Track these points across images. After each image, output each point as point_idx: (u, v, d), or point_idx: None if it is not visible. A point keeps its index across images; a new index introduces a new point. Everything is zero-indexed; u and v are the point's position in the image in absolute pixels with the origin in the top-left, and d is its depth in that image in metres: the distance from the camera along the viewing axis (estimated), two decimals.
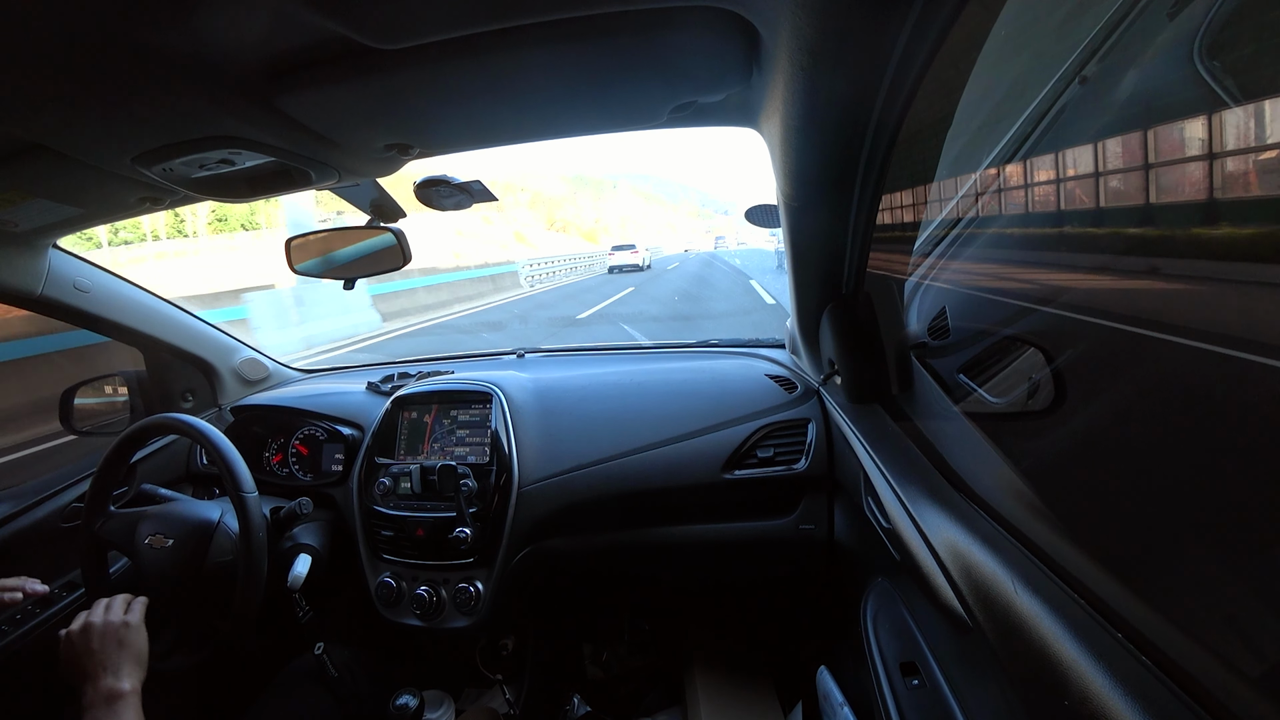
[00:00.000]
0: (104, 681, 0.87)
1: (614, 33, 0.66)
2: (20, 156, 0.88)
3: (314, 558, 1.23)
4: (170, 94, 0.69)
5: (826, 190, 0.90)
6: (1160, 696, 0.45)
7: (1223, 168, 0.58)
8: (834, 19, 0.53)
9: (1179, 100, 0.63)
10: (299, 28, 0.62)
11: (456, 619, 1.26)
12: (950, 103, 0.90)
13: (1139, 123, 0.70)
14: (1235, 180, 0.59)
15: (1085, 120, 0.81)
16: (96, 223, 1.19)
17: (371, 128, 0.88)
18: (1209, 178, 0.61)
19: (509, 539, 1.26)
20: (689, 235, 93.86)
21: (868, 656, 0.93)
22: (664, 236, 73.22)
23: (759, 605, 1.74)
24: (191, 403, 1.65)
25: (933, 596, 0.74)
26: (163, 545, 1.08)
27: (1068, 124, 0.84)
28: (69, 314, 1.33)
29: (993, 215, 1.05)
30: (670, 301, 11.95)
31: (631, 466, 1.30)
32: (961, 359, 1.02)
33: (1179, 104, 0.63)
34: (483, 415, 1.38)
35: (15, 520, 1.26)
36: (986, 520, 0.74)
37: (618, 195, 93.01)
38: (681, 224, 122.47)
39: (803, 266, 1.14)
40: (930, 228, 1.15)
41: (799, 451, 1.30)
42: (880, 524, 0.95)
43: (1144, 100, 0.68)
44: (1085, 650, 0.50)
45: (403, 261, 1.30)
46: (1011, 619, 0.59)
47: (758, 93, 0.81)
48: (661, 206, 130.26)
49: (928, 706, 0.78)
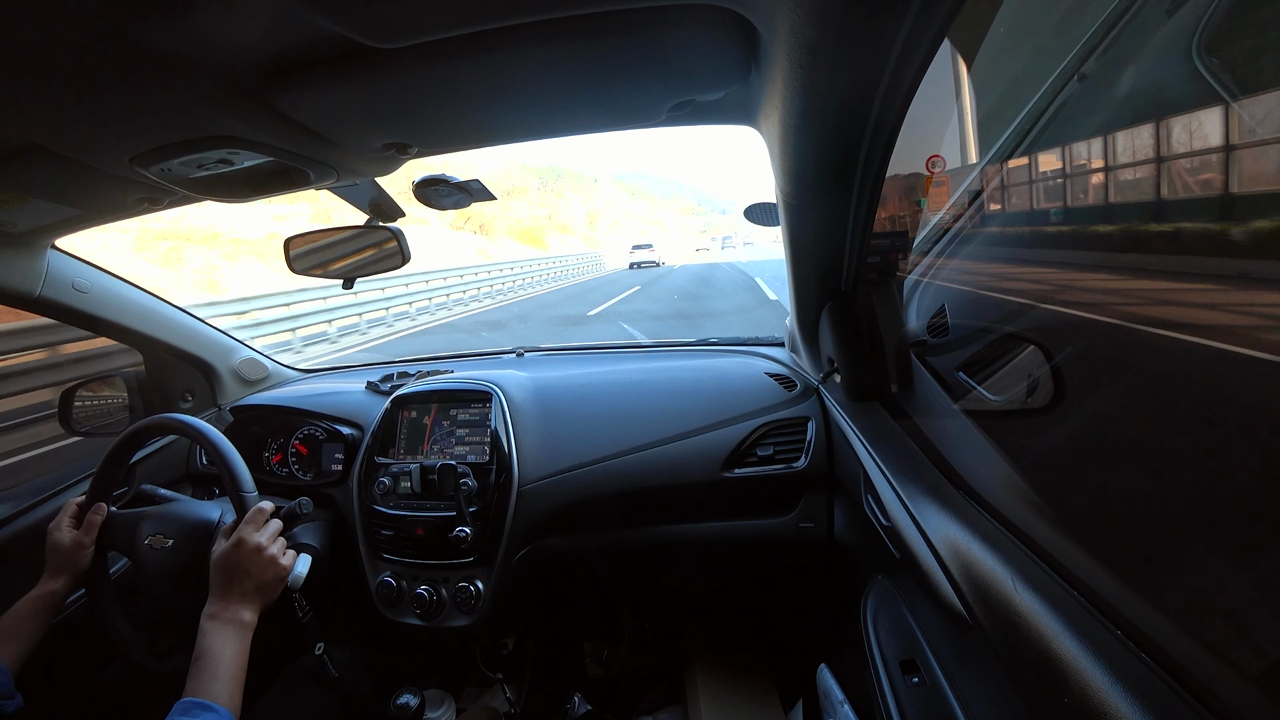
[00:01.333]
0: (236, 605, 0.93)
1: (612, 31, 0.65)
2: (18, 157, 0.87)
3: (314, 558, 1.23)
4: (168, 94, 0.69)
5: (825, 188, 0.90)
6: (1159, 693, 0.45)
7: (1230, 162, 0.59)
8: (833, 17, 0.53)
9: (1177, 96, 0.63)
10: (297, 27, 0.62)
11: (457, 618, 1.26)
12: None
13: (1138, 119, 0.70)
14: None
15: (1084, 117, 0.81)
16: (94, 223, 1.19)
17: (370, 127, 0.87)
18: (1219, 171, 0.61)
19: (509, 538, 1.26)
20: (680, 235, 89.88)
21: (868, 654, 0.93)
22: (650, 236, 63.75)
23: (759, 603, 1.74)
24: (191, 403, 1.64)
25: (933, 594, 0.74)
26: (163, 545, 1.08)
27: (1066, 121, 0.84)
28: (68, 315, 1.33)
29: (992, 213, 1.05)
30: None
31: (631, 465, 1.30)
32: (961, 357, 1.02)
33: (1177, 100, 0.63)
34: (482, 414, 1.38)
35: (14, 521, 1.26)
36: (986, 518, 0.74)
37: (598, 189, 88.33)
38: (672, 222, 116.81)
39: (802, 264, 1.14)
40: (930, 224, 1.15)
41: (799, 450, 1.30)
42: (880, 522, 0.95)
43: (1142, 96, 0.68)
44: (1085, 647, 0.50)
45: (402, 261, 1.29)
46: (1011, 616, 0.59)
47: (756, 91, 0.81)
48: (649, 203, 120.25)
49: (928, 704, 0.78)
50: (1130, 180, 0.77)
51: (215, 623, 0.90)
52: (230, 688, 0.85)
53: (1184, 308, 0.75)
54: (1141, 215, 0.77)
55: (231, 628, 0.91)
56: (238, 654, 0.89)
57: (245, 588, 0.95)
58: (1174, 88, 0.64)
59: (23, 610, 1.00)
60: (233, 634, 0.90)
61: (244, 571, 0.96)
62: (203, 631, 0.89)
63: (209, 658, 0.86)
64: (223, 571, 0.95)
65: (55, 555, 1.06)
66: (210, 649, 0.87)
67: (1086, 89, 0.80)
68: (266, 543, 1.00)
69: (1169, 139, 0.67)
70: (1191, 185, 0.68)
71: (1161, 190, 0.72)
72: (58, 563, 1.05)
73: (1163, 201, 0.72)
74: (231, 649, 0.88)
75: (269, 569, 0.98)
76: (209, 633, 0.89)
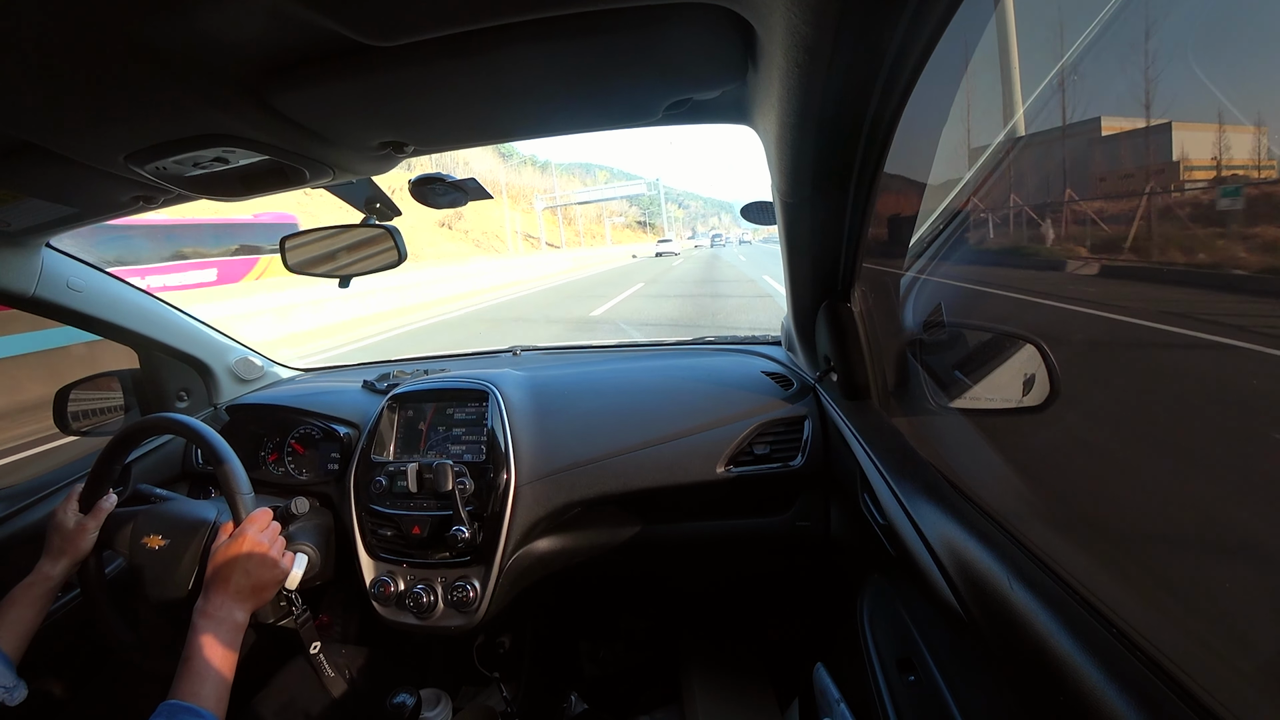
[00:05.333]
0: (230, 603, 0.93)
1: (609, 29, 0.65)
2: (11, 155, 0.87)
3: (310, 557, 1.23)
4: (163, 92, 0.69)
5: (822, 187, 0.90)
6: (1154, 692, 0.46)
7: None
8: (830, 16, 0.53)
9: (1173, 101, 0.63)
10: (293, 25, 0.62)
11: (453, 617, 1.26)
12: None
13: (1135, 120, 0.71)
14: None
15: (1080, 116, 0.82)
16: (89, 221, 1.19)
17: (366, 125, 0.87)
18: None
19: (506, 537, 1.26)
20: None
21: (864, 653, 0.93)
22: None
23: (755, 602, 1.75)
24: (187, 402, 1.64)
25: (929, 593, 0.74)
26: (158, 545, 1.08)
27: (1063, 120, 0.84)
28: (62, 314, 1.32)
29: (986, 214, 1.05)
30: None
31: (628, 464, 1.30)
32: (957, 355, 1.02)
33: (1173, 104, 0.64)
34: (479, 413, 1.37)
35: (9, 521, 1.26)
36: (982, 516, 0.74)
37: (545, 177, 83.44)
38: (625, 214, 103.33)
39: (798, 263, 1.14)
40: (927, 223, 1.15)
41: (795, 448, 1.30)
42: (876, 520, 0.96)
43: (1137, 100, 0.68)
44: (1080, 646, 0.51)
45: (398, 259, 1.29)
46: (1007, 615, 0.59)
47: (753, 90, 0.81)
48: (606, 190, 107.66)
49: (924, 702, 0.78)
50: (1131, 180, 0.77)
51: (207, 620, 0.90)
52: (218, 690, 0.84)
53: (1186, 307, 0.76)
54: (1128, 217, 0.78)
55: (224, 627, 0.90)
56: (227, 654, 0.89)
57: (241, 586, 0.95)
58: (1169, 92, 0.64)
59: (19, 596, 1.00)
60: (224, 633, 0.90)
61: (242, 570, 0.96)
62: (194, 629, 0.89)
63: (198, 658, 0.86)
64: (221, 569, 0.95)
65: (57, 535, 1.06)
66: (200, 648, 0.87)
67: (1082, 89, 0.80)
68: (268, 543, 1.00)
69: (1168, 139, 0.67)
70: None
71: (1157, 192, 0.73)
72: (58, 544, 1.05)
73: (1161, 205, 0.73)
74: (221, 649, 0.88)
75: (267, 570, 0.98)
76: (200, 630, 0.89)
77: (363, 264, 1.33)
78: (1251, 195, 0.59)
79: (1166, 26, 0.64)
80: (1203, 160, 0.63)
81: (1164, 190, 0.70)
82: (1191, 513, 0.62)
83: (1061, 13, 0.82)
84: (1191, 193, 0.68)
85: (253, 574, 0.96)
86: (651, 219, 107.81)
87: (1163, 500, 0.65)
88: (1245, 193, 0.59)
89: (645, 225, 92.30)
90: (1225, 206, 0.63)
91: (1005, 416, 0.92)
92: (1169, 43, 0.61)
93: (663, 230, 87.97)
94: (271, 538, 1.02)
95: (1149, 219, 0.72)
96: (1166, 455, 0.66)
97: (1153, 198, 0.71)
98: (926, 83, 0.67)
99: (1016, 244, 1.02)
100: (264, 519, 1.02)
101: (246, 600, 0.95)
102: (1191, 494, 0.61)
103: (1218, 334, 0.63)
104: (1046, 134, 0.90)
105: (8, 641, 0.95)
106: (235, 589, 0.94)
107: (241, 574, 0.95)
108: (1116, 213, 0.80)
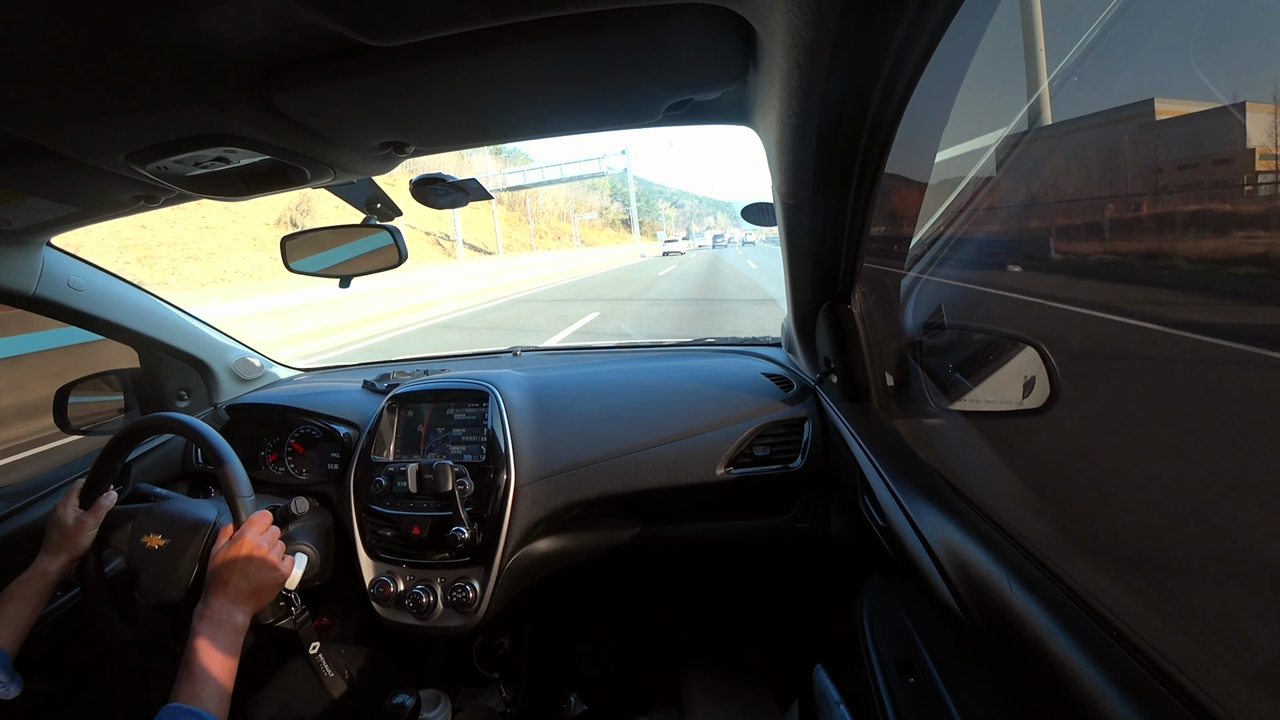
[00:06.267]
0: (230, 606, 0.93)
1: (610, 30, 0.65)
2: (12, 154, 0.87)
3: (310, 557, 1.23)
4: (165, 91, 0.69)
5: (822, 188, 0.90)
6: (1153, 694, 0.46)
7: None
8: (831, 17, 0.53)
9: (1174, 99, 0.63)
10: (295, 25, 0.62)
11: (453, 618, 1.26)
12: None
13: (1135, 120, 0.71)
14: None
15: (1081, 117, 0.82)
16: (90, 221, 1.19)
17: (367, 125, 0.87)
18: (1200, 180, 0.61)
19: (505, 538, 1.26)
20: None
21: (864, 654, 0.93)
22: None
23: (755, 603, 1.75)
24: (187, 401, 1.64)
25: (929, 595, 0.74)
26: (158, 544, 1.08)
27: (1063, 121, 0.84)
28: (63, 313, 1.32)
29: (985, 215, 1.05)
30: None
31: (628, 465, 1.30)
32: (957, 357, 1.02)
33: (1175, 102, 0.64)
34: (479, 414, 1.37)
35: (9, 520, 1.26)
36: (982, 518, 0.74)
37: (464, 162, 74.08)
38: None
39: (799, 265, 1.14)
40: (927, 225, 1.15)
41: (795, 450, 1.30)
42: (876, 522, 0.96)
43: (1139, 99, 0.68)
44: (1079, 648, 0.51)
45: (398, 260, 1.29)
46: (1007, 617, 0.59)
47: (754, 90, 0.81)
48: (567, 186, 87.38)
49: (924, 704, 0.78)
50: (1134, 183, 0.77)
51: (207, 623, 0.90)
52: (219, 693, 0.84)
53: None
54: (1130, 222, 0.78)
55: (224, 630, 0.90)
56: (228, 657, 0.89)
57: (240, 589, 0.95)
58: (1170, 92, 0.64)
59: (16, 591, 1.00)
60: (224, 636, 0.90)
61: (242, 573, 0.96)
62: (194, 632, 0.89)
63: (198, 661, 0.86)
64: (220, 572, 0.95)
65: (56, 531, 1.06)
66: (200, 652, 0.87)
67: (1083, 89, 0.80)
68: (267, 546, 1.00)
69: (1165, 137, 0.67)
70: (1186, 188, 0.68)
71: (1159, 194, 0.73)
72: (57, 540, 1.05)
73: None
74: (222, 652, 0.88)
75: (267, 573, 0.98)
76: (200, 634, 0.89)
77: (363, 264, 1.33)
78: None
79: (1167, 26, 0.64)
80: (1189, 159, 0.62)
81: (1180, 189, 0.70)
82: (1193, 517, 0.62)
83: (1061, 13, 0.82)
84: (1192, 193, 0.68)
85: (252, 577, 0.96)
86: (642, 216, 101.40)
87: (1166, 499, 0.65)
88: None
89: (629, 224, 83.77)
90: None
91: (1005, 419, 0.92)
92: (1169, 43, 0.61)
93: (652, 229, 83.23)
94: (271, 541, 1.01)
95: (1164, 219, 0.72)
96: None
97: (1160, 196, 0.71)
98: (927, 83, 0.67)
99: (1016, 244, 1.02)
100: (263, 522, 1.02)
101: (246, 603, 0.95)
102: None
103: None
104: (1046, 132, 0.90)
105: (3, 637, 0.94)
106: (234, 592, 0.94)
107: (241, 577, 0.95)
108: (1118, 214, 0.80)
